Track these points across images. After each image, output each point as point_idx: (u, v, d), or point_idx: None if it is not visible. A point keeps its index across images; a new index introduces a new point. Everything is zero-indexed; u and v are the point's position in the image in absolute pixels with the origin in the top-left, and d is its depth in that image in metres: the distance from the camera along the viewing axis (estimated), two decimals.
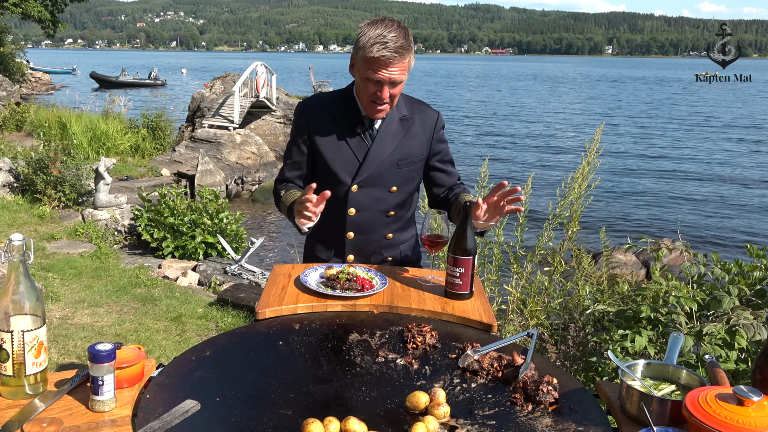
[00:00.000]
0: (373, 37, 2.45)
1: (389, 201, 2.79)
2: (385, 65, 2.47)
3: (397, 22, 2.53)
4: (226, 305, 6.57)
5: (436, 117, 2.86)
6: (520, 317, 4.69)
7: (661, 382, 1.80)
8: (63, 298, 6.45)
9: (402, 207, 2.85)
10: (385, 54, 2.44)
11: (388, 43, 2.44)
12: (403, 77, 2.55)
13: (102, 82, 49.80)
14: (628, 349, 3.16)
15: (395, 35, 2.46)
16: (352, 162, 2.70)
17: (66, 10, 29.14)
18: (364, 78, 2.54)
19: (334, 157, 2.70)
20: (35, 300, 1.69)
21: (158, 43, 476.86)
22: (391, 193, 2.77)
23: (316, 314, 2.27)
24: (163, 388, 1.73)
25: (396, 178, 2.76)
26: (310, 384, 1.81)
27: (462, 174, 3.05)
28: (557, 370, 1.96)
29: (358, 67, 2.56)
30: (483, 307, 2.36)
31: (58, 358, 5.13)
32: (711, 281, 3.49)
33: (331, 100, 2.76)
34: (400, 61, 2.48)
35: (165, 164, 15.68)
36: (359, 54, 2.51)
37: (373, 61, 2.47)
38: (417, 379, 1.87)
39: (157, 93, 27.10)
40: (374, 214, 2.78)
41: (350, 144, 2.70)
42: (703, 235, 13.95)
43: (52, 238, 8.54)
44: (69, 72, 69.45)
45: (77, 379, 1.76)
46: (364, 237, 2.80)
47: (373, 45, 2.45)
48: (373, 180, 2.72)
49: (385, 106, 2.60)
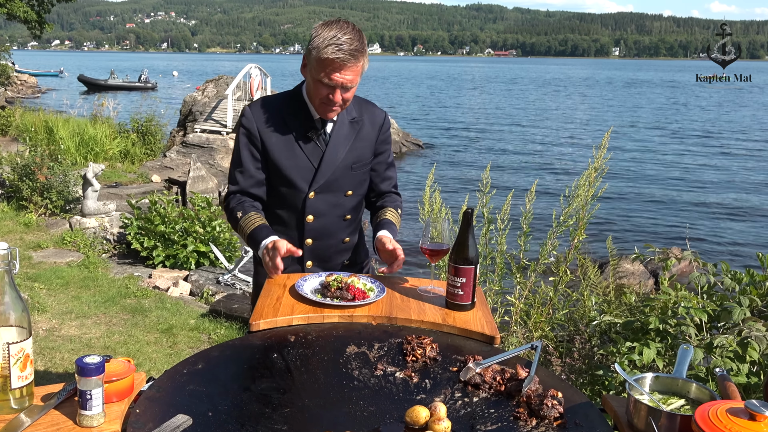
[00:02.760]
0: (327, 39, 2.49)
1: (346, 205, 2.85)
2: (339, 68, 2.50)
3: (352, 25, 2.57)
4: (219, 316, 6.56)
5: (383, 117, 2.91)
6: (524, 329, 4.68)
7: (670, 396, 1.80)
8: (50, 309, 6.44)
9: (356, 210, 2.93)
10: (339, 56, 2.48)
11: (343, 45, 2.48)
12: (356, 81, 2.59)
13: (90, 85, 49.78)
14: (636, 362, 3.16)
15: (350, 37, 2.50)
16: (307, 168, 2.72)
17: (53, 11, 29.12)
18: (316, 80, 2.57)
19: (289, 164, 2.71)
20: (21, 311, 1.69)
21: (148, 45, 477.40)
22: (347, 197, 2.83)
23: (312, 326, 2.27)
24: (153, 403, 1.73)
25: (350, 181, 2.82)
26: (306, 398, 1.81)
27: (463, 177, 3.06)
28: (562, 383, 1.96)
29: (311, 68, 2.59)
30: (485, 319, 2.36)
31: (44, 372, 5.12)
32: (721, 291, 3.49)
33: (280, 104, 2.77)
34: (354, 64, 2.52)
35: (155, 170, 15.67)
36: (312, 55, 2.55)
37: (327, 62, 2.50)
38: (417, 393, 1.87)
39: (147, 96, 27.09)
40: (332, 219, 2.83)
41: (304, 150, 2.72)
42: (713, 243, 13.95)
43: (38, 247, 8.53)
44: (56, 75, 69.51)
45: (64, 393, 1.76)
46: (322, 243, 2.84)
47: (327, 46, 2.48)
48: (330, 185, 2.76)
49: (337, 108, 2.65)
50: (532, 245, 4.85)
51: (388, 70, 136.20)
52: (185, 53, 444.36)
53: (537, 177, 6.12)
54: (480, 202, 4.85)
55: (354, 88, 2.63)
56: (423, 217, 5.06)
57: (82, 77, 51.89)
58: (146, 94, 38.76)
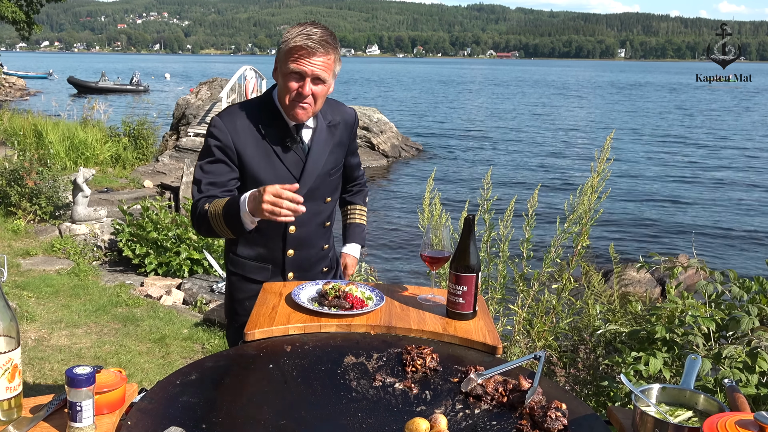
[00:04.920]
0: (297, 31, 2.53)
1: (325, 212, 2.88)
2: (308, 54, 2.51)
3: (324, 26, 2.60)
4: (213, 326, 6.56)
5: (353, 115, 2.94)
6: (527, 338, 4.68)
7: (678, 408, 1.80)
8: (39, 318, 6.44)
9: (333, 215, 2.97)
10: (308, 43, 2.50)
11: (313, 36, 2.51)
12: (326, 75, 2.58)
13: (80, 88, 49.83)
14: (642, 372, 3.16)
15: (320, 30, 2.54)
16: (288, 179, 2.66)
17: (42, 11, 29.20)
18: (285, 74, 2.57)
19: (269, 176, 2.64)
20: (9, 320, 1.69)
21: (140, 46, 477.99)
22: (326, 203, 2.86)
23: (308, 335, 2.28)
24: (145, 415, 1.73)
25: (329, 188, 2.85)
26: (302, 410, 1.82)
27: (463, 182, 3.08)
28: (566, 394, 1.96)
29: (280, 64, 2.60)
30: (487, 328, 2.36)
31: (33, 382, 5.12)
32: (729, 300, 3.49)
33: (252, 112, 2.70)
34: (323, 54, 2.53)
35: (148, 175, 15.68)
36: (282, 49, 2.57)
37: (296, 49, 2.51)
38: (417, 405, 1.87)
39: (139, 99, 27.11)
40: (313, 227, 2.85)
41: (283, 160, 2.68)
42: (721, 251, 13.95)
43: (27, 254, 8.53)
44: (45, 77, 69.54)
45: (54, 404, 1.76)
46: (304, 252, 2.85)
47: (296, 36, 2.51)
48: (311, 194, 2.73)
49: (308, 105, 2.60)
50: (535, 252, 4.85)
51: (387, 72, 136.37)
52: (178, 55, 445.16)
53: (539, 182, 6.12)
54: (481, 208, 4.85)
55: (325, 87, 2.61)
56: (423, 223, 5.06)
57: (72, 79, 51.92)
58: (138, 96, 38.83)
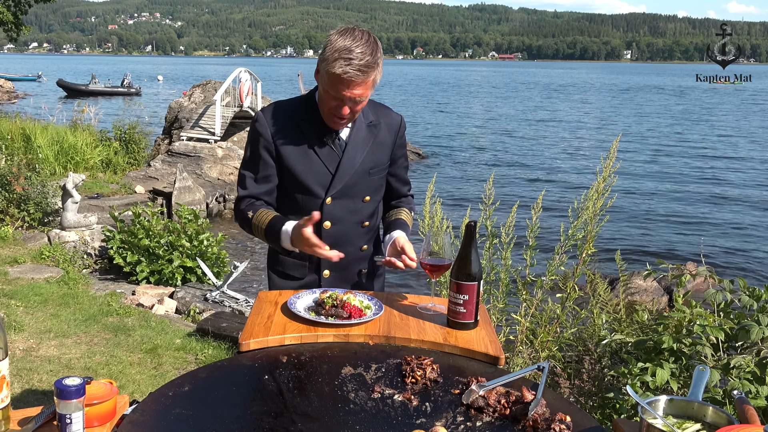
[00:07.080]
0: (338, 50, 2.53)
1: (363, 211, 2.91)
2: (347, 85, 2.55)
3: (367, 35, 2.60)
4: (207, 336, 6.55)
5: (399, 120, 2.98)
6: (530, 349, 4.68)
7: (685, 421, 1.81)
8: (27, 327, 6.43)
9: (374, 216, 2.99)
10: (347, 71, 2.51)
11: (353, 60, 2.51)
12: (366, 94, 2.65)
13: (70, 91, 49.89)
14: (649, 383, 3.16)
15: (361, 51, 2.53)
16: (323, 174, 2.78)
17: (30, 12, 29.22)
18: (325, 90, 2.63)
19: (305, 169, 2.78)
20: None
21: (132, 48, 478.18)
22: (365, 202, 2.90)
23: (305, 345, 2.28)
24: (137, 427, 1.73)
25: (368, 187, 2.89)
26: (299, 422, 1.82)
27: (465, 188, 3.10)
28: (571, 406, 1.96)
29: (322, 78, 2.65)
30: (489, 338, 2.36)
31: (21, 394, 5.11)
32: (738, 309, 3.49)
33: (293, 109, 2.84)
34: (363, 80, 2.56)
35: (139, 180, 15.69)
36: (323, 66, 2.60)
37: (336, 78, 2.55)
38: (416, 417, 1.88)
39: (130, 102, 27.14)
40: (350, 225, 2.89)
41: (320, 154, 2.78)
42: (729, 259, 13.96)
43: (15, 262, 8.53)
44: (34, 79, 69.67)
45: (43, 416, 1.76)
46: (340, 250, 2.84)
47: (336, 60, 2.52)
48: (347, 191, 2.82)
49: (345, 120, 2.71)
50: (539, 260, 4.85)
51: (386, 74, 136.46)
52: (171, 56, 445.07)
53: (543, 188, 6.13)
54: (483, 215, 4.85)
55: (364, 101, 2.68)
56: (423, 230, 5.06)
57: (62, 82, 51.99)
58: (129, 99, 38.94)
